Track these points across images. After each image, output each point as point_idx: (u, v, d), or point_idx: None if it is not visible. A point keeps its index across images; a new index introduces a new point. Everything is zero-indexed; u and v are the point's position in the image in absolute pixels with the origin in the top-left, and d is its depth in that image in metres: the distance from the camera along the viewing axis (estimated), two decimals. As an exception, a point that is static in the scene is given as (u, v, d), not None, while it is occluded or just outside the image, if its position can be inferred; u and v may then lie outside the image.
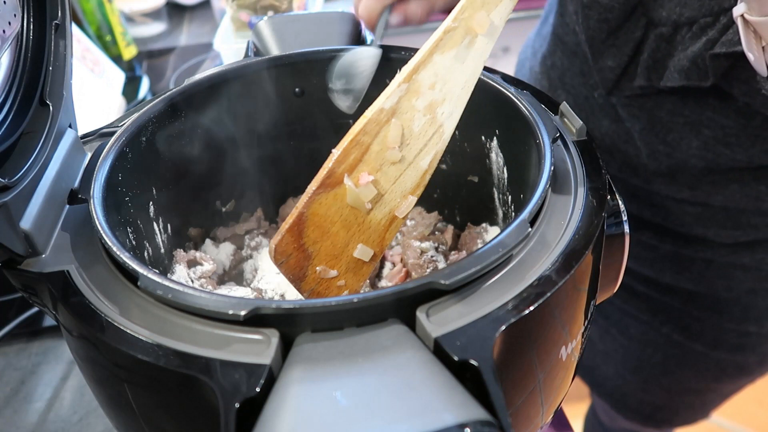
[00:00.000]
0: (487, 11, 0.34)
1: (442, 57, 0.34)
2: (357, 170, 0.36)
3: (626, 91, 0.59)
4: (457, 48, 0.34)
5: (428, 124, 0.35)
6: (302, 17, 0.56)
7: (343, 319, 0.28)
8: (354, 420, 0.23)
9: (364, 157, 0.36)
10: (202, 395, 0.27)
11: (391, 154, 0.35)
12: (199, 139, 0.48)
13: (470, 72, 0.35)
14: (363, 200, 0.36)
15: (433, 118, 0.35)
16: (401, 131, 0.35)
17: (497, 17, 0.34)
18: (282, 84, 0.50)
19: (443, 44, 0.34)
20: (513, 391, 0.32)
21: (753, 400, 1.39)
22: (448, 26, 0.34)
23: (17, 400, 0.55)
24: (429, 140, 0.35)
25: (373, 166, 0.36)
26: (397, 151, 0.35)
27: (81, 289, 0.32)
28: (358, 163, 0.36)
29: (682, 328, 0.72)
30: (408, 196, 0.37)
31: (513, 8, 0.35)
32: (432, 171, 0.35)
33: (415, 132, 0.35)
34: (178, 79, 1.08)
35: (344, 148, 0.36)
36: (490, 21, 0.34)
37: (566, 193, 0.36)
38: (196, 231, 0.51)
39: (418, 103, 0.35)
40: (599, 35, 0.58)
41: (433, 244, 0.52)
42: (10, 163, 0.35)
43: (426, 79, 0.35)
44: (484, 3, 0.34)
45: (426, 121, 0.35)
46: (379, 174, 0.36)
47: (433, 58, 0.34)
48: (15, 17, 0.37)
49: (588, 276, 0.34)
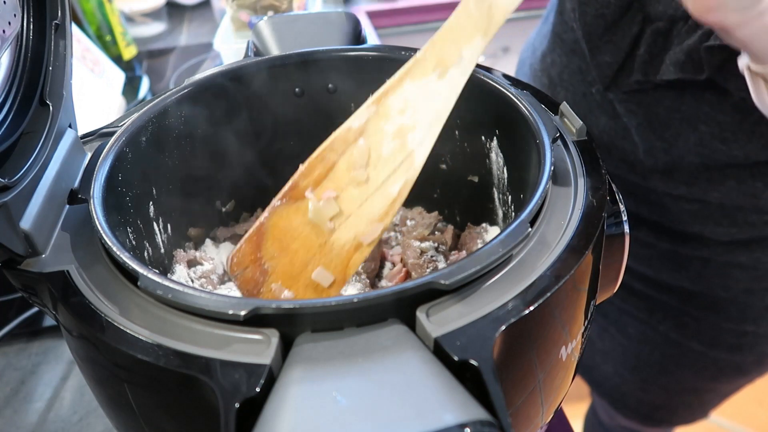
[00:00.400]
0: (458, 46, 0.34)
1: (412, 84, 0.34)
2: (322, 186, 0.36)
3: (623, 86, 0.59)
4: (428, 78, 0.35)
5: (398, 150, 0.35)
6: (302, 17, 0.56)
7: (343, 319, 0.28)
8: (354, 420, 0.23)
9: (330, 174, 0.36)
10: (202, 395, 0.27)
11: (356, 174, 0.35)
12: (199, 139, 0.48)
13: (442, 102, 0.35)
14: (324, 216, 0.35)
15: (403, 143, 0.35)
16: (368, 152, 0.35)
17: (469, 53, 0.34)
18: (282, 84, 0.50)
19: (413, 72, 0.35)
20: (513, 391, 0.32)
21: (753, 400, 1.39)
22: (418, 56, 0.35)
23: (17, 400, 0.55)
24: (399, 166, 0.35)
25: (339, 184, 0.35)
26: (364, 171, 0.35)
27: (81, 289, 0.32)
28: (323, 179, 0.36)
29: (679, 326, 0.72)
30: (375, 222, 0.36)
31: (486, 45, 0.35)
32: (402, 200, 0.34)
33: (383, 155, 0.35)
34: (178, 79, 1.08)
35: (310, 162, 0.36)
36: (461, 55, 0.34)
37: (566, 193, 0.36)
38: (196, 231, 0.51)
39: (387, 126, 0.35)
40: (596, 31, 0.58)
41: (433, 244, 0.52)
42: (10, 163, 0.35)
43: (396, 103, 0.35)
44: (456, 38, 0.34)
45: (395, 146, 0.35)
46: (345, 194, 0.35)
47: (404, 84, 0.35)
48: (15, 17, 0.37)
49: (588, 276, 0.34)
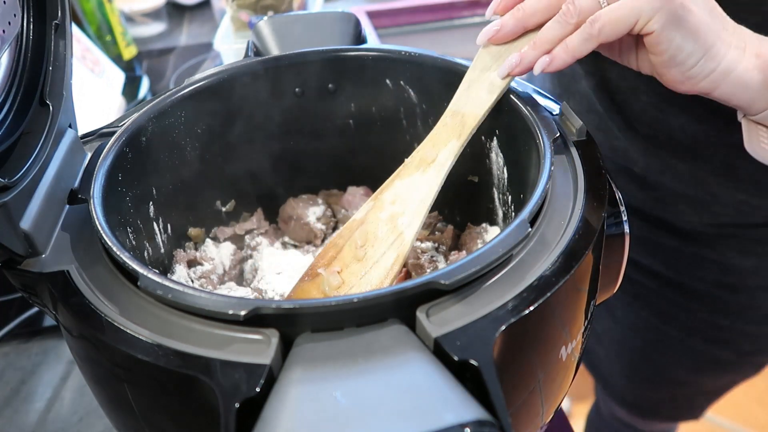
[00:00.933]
0: (436, 150, 0.44)
1: (401, 181, 0.44)
2: (332, 266, 0.44)
3: None
4: (413, 175, 0.44)
5: (390, 231, 0.43)
6: (302, 17, 0.56)
7: (343, 319, 0.28)
8: (354, 420, 0.23)
9: (338, 255, 0.44)
10: (202, 395, 0.27)
11: (357, 252, 0.43)
12: (199, 139, 0.48)
13: (425, 192, 0.43)
14: (332, 287, 0.43)
15: (395, 226, 0.43)
16: (366, 235, 0.44)
17: (444, 155, 0.43)
18: (282, 84, 0.50)
19: (401, 173, 0.45)
20: (513, 391, 0.32)
21: (753, 400, 1.39)
22: (407, 161, 0.45)
23: (17, 400, 0.55)
24: (391, 244, 0.42)
25: (344, 262, 0.44)
26: (363, 249, 0.43)
27: (81, 289, 0.32)
28: (333, 260, 0.44)
29: (658, 312, 0.73)
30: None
31: (462, 145, 0.42)
32: (396, 270, 0.41)
33: (379, 236, 0.43)
34: (178, 79, 1.08)
35: (324, 248, 0.46)
36: (437, 156, 0.43)
37: (566, 193, 0.36)
38: (196, 231, 0.51)
39: (381, 215, 0.44)
40: None
41: (433, 244, 0.52)
42: (10, 163, 0.35)
43: (388, 197, 0.44)
44: (435, 143, 0.44)
45: (388, 229, 0.43)
46: (348, 269, 0.43)
47: (395, 182, 0.45)
48: (15, 17, 0.37)
49: (588, 276, 0.34)
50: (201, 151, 0.48)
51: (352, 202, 0.55)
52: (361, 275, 0.42)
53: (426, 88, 0.49)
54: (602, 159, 0.39)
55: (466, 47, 1.64)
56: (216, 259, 0.50)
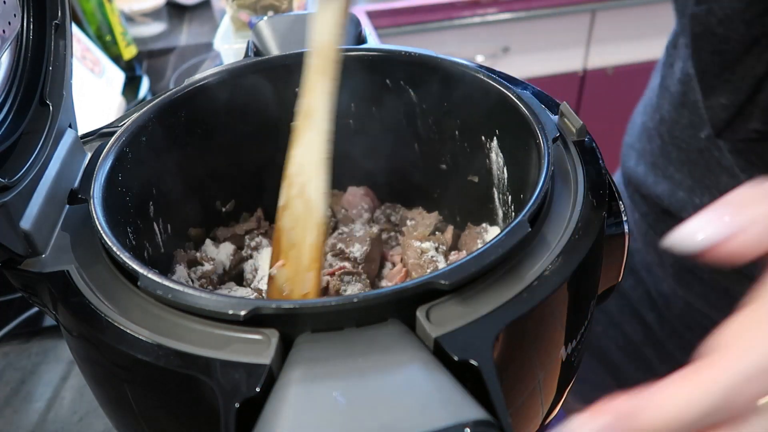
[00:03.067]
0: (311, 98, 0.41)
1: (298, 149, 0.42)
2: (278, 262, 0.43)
3: (739, 133, 0.53)
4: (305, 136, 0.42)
5: (303, 205, 0.42)
6: (302, 17, 0.55)
7: (343, 319, 0.28)
8: (354, 420, 0.23)
9: (280, 248, 0.43)
10: (202, 395, 0.27)
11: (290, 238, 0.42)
12: (198, 139, 0.48)
13: (318, 149, 0.41)
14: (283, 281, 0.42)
15: (306, 198, 0.41)
16: (291, 217, 0.42)
17: (320, 101, 0.41)
18: (282, 84, 0.50)
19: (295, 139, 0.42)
20: (513, 391, 0.32)
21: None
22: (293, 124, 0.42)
23: (17, 400, 0.55)
24: (307, 218, 0.41)
25: (285, 253, 0.43)
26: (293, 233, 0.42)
27: (81, 289, 0.32)
28: (278, 255, 0.43)
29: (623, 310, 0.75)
30: (306, 273, 0.42)
31: (334, 87, 0.41)
32: (319, 245, 0.40)
33: (296, 214, 0.42)
34: (178, 79, 1.08)
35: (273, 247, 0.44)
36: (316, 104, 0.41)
37: (566, 193, 0.36)
38: (196, 231, 0.51)
39: (293, 192, 0.42)
40: (712, 69, 0.52)
41: (433, 244, 0.52)
42: (10, 163, 0.35)
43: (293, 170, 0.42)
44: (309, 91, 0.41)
45: (302, 203, 0.42)
46: (290, 259, 0.42)
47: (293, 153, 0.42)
48: (15, 17, 0.37)
49: (588, 276, 0.34)
50: (201, 151, 0.48)
51: (352, 202, 0.55)
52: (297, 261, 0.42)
53: (426, 88, 0.49)
54: (602, 159, 0.39)
55: (466, 47, 1.65)
56: (216, 259, 0.50)
